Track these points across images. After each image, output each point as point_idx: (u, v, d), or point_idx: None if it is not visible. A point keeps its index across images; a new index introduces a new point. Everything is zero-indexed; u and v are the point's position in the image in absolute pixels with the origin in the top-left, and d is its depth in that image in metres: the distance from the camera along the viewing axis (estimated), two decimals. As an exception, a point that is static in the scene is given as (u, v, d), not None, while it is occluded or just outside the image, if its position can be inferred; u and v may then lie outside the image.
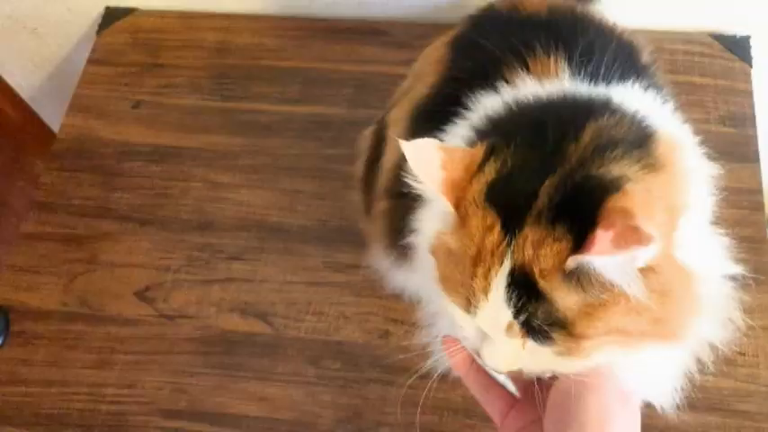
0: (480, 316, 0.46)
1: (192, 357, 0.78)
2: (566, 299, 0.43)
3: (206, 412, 0.75)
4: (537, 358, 0.47)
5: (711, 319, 0.53)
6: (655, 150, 0.49)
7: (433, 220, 0.51)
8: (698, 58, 0.92)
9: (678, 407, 0.56)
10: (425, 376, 0.57)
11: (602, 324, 0.44)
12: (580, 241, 0.42)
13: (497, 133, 0.51)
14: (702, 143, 0.58)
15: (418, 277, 0.60)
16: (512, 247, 0.44)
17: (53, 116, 1.21)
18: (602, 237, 0.41)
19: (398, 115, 0.68)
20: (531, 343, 0.46)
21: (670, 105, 0.60)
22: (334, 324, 0.79)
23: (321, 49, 0.98)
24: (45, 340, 0.80)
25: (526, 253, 0.44)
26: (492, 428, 0.54)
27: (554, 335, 0.44)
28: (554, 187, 0.45)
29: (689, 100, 0.88)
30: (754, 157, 0.84)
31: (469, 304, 0.46)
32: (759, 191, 0.83)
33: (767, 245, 0.79)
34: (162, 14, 1.02)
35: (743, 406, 0.72)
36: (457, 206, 0.47)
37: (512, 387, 0.54)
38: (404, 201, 0.56)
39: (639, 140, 0.49)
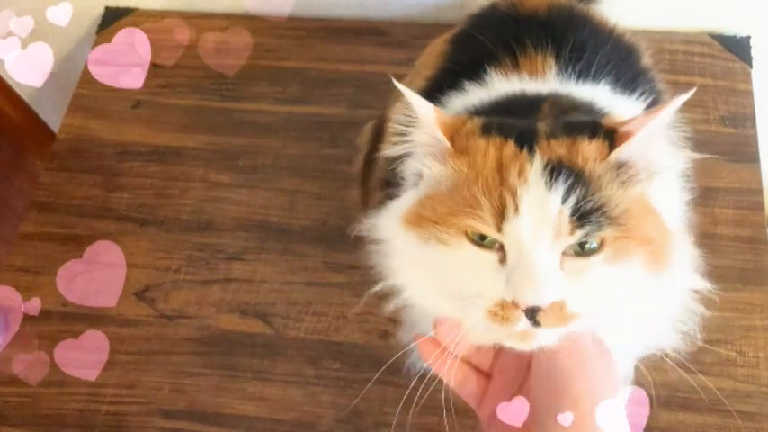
0: (523, 215, 0.44)
1: (191, 357, 0.78)
2: (611, 191, 0.45)
3: (206, 412, 0.75)
4: (578, 276, 0.45)
5: (668, 326, 0.54)
6: (608, 117, 0.53)
7: (400, 206, 0.51)
8: (698, 58, 0.92)
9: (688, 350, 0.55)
10: (422, 376, 0.57)
11: (639, 224, 0.45)
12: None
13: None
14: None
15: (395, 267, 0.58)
16: (536, 152, 0.45)
17: (53, 116, 1.20)
18: (631, 123, 0.45)
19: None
20: (571, 258, 0.44)
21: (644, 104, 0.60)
22: (333, 324, 0.79)
23: (321, 49, 0.98)
24: (45, 340, 0.80)
25: (559, 152, 0.45)
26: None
27: (604, 226, 0.44)
28: (549, 122, 0.48)
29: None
30: (754, 157, 0.85)
31: (503, 208, 0.44)
32: (759, 191, 0.83)
33: (767, 245, 0.79)
34: (162, 14, 1.02)
35: (743, 406, 0.72)
36: (451, 141, 0.47)
37: None
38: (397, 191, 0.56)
39: (591, 112, 0.54)
